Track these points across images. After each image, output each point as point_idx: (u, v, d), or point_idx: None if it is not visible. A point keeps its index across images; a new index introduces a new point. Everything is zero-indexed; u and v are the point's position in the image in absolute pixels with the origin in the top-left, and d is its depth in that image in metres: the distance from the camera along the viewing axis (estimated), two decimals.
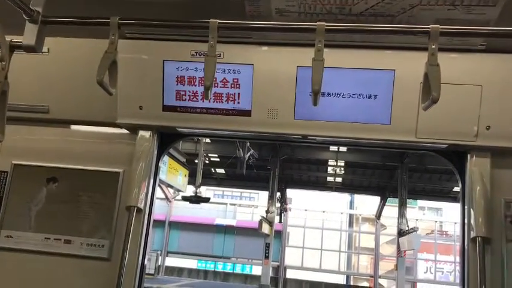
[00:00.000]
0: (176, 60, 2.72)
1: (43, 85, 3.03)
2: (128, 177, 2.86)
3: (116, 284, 2.60)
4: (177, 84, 2.75)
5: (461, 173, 2.75)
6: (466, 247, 2.63)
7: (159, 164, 3.02)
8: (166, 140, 3.02)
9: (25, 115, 3.00)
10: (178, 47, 2.72)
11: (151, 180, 2.90)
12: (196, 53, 2.68)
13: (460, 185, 2.77)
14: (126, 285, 2.63)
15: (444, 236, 31.76)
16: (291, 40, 2.62)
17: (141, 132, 2.91)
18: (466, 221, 2.65)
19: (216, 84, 2.71)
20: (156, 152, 2.94)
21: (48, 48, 2.95)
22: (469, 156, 2.67)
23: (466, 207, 2.66)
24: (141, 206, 2.78)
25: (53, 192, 2.94)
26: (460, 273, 2.74)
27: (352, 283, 31.34)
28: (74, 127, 3.11)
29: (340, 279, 30.92)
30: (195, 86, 2.73)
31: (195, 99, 2.75)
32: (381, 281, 29.14)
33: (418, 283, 29.83)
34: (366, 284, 30.91)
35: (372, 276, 28.51)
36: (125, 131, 2.97)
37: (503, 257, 2.55)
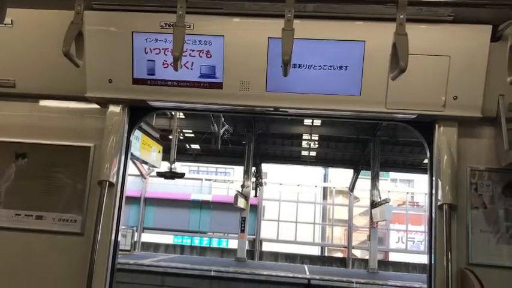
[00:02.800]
0: (145, 31, 2.67)
1: (8, 58, 2.94)
2: (99, 152, 2.83)
3: (89, 259, 2.60)
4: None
5: (429, 143, 2.81)
6: (433, 215, 2.71)
7: (131, 139, 2.99)
8: (138, 113, 2.98)
9: None
10: (147, 18, 2.66)
11: (123, 155, 2.88)
12: (166, 24, 2.63)
13: (428, 154, 2.83)
14: (99, 259, 2.63)
15: (415, 206, 32.54)
16: (262, 11, 2.59)
17: (111, 106, 2.86)
18: (433, 189, 2.72)
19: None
20: (127, 126, 2.91)
21: (11, 20, 2.85)
22: (436, 126, 2.73)
23: (433, 176, 2.73)
24: (113, 180, 2.76)
25: (22, 168, 2.89)
26: (427, 240, 2.82)
27: (326, 254, 32.00)
28: (42, 102, 3.04)
29: (315, 251, 31.52)
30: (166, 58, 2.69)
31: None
32: (355, 251, 29.80)
33: (390, 252, 30.65)
34: (340, 254, 31.60)
35: (346, 247, 29.12)
36: (94, 105, 2.92)
37: (468, 223, 2.65)
